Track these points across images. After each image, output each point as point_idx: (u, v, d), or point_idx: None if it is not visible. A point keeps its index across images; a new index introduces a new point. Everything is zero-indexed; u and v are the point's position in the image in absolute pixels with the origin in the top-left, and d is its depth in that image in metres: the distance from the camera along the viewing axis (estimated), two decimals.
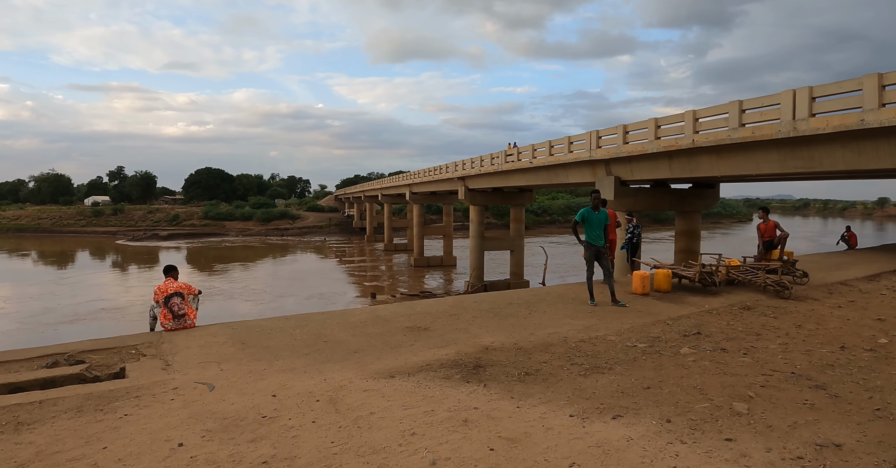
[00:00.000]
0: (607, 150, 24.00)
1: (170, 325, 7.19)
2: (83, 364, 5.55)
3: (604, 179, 25.13)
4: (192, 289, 7.63)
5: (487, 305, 8.17)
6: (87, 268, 60.21)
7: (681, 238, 27.29)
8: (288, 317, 7.70)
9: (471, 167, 40.67)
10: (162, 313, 7.23)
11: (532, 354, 6.09)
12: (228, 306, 36.90)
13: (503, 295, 9.15)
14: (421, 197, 61.40)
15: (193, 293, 7.61)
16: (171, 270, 7.78)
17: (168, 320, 7.20)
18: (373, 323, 7.12)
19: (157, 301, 7.26)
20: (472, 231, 43.26)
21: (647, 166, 22.79)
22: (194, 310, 7.51)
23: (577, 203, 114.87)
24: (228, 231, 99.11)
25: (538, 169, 31.15)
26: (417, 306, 8.08)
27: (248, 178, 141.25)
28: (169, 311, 7.20)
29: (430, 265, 58.14)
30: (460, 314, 7.58)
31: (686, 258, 27.46)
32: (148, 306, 7.60)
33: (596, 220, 9.44)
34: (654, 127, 21.20)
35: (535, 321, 7.41)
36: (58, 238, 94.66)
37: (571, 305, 8.71)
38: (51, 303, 38.03)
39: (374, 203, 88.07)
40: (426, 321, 7.15)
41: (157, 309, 7.25)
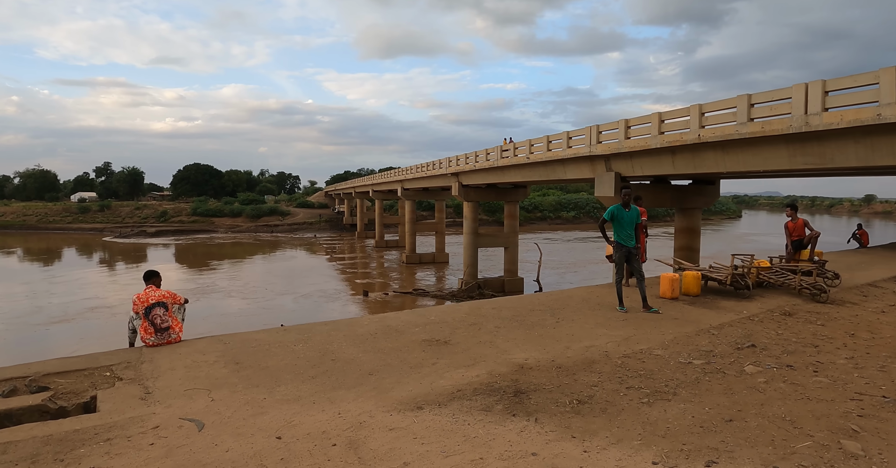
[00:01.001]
0: (608, 145, 23.22)
1: (151, 340, 6.23)
2: (47, 391, 4.59)
3: (604, 175, 24.40)
4: (178, 297, 6.68)
5: (509, 313, 7.29)
6: (74, 266, 58.73)
7: (680, 235, 26.64)
8: (287, 328, 6.71)
9: (465, 163, 39.77)
10: (142, 326, 6.26)
11: (576, 375, 5.23)
12: (219, 305, 35.86)
13: (523, 300, 8.28)
14: (413, 193, 60.42)
15: (179, 302, 6.64)
16: (153, 276, 6.78)
17: (149, 334, 6.24)
18: (384, 335, 6.18)
19: (137, 312, 6.31)
20: (466, 227, 42.40)
21: (650, 162, 22.06)
22: (180, 322, 6.54)
23: (569, 199, 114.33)
24: (217, 227, 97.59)
25: (535, 165, 30.35)
26: (431, 314, 7.15)
27: (237, 174, 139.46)
28: (150, 324, 6.23)
29: (423, 262, 57.25)
30: (481, 323, 6.69)
31: (686, 256, 26.81)
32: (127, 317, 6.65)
33: (627, 218, 8.59)
34: (658, 121, 20.43)
35: (566, 331, 6.55)
36: (43, 235, 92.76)
37: (600, 312, 7.85)
38: (38, 302, 36.81)
39: (364, 199, 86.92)
40: (444, 332, 6.24)
41: (137, 321, 6.29)
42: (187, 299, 6.87)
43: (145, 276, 6.75)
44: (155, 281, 6.69)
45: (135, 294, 6.50)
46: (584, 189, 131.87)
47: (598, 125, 23.92)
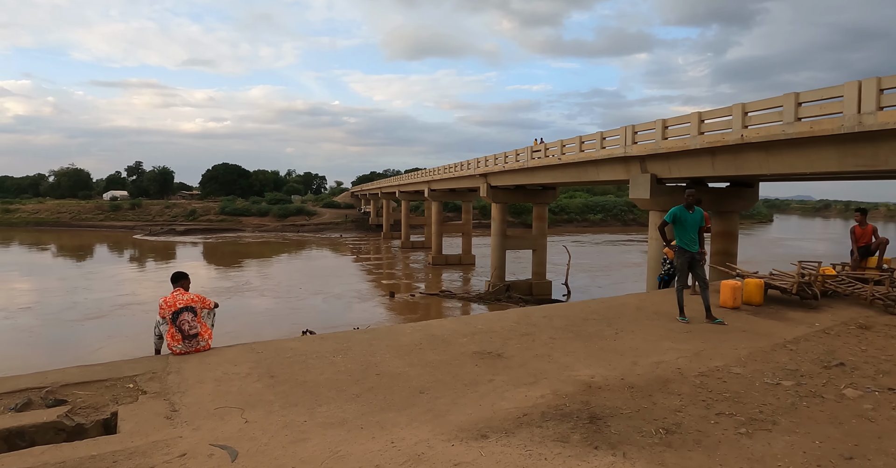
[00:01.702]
0: (644, 146, 22.45)
1: (179, 348, 5.71)
2: (64, 405, 4.12)
3: (638, 177, 23.61)
4: (207, 301, 6.13)
5: (561, 322, 6.68)
6: (106, 263, 59.63)
7: (717, 240, 25.67)
8: (324, 337, 6.15)
9: (494, 164, 39.16)
10: (169, 332, 5.75)
11: (653, 396, 4.61)
12: (246, 303, 35.80)
13: (573, 308, 7.65)
14: (440, 194, 59.98)
15: (209, 307, 6.11)
16: (181, 279, 6.26)
17: (177, 341, 5.72)
18: (430, 346, 5.62)
19: (163, 317, 5.81)
20: (494, 229, 41.76)
21: (688, 163, 21.24)
22: (209, 328, 6.01)
23: (596, 202, 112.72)
24: (245, 227, 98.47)
25: (566, 166, 29.63)
26: (478, 323, 6.57)
27: (264, 173, 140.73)
28: (178, 330, 5.72)
29: (449, 263, 56.74)
30: (534, 334, 6.10)
31: (722, 261, 25.79)
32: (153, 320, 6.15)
33: (691, 221, 7.86)
34: (698, 121, 19.62)
35: (628, 344, 5.92)
36: (76, 232, 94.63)
37: (659, 322, 7.18)
38: (72, 298, 37.29)
39: (391, 200, 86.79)
40: (496, 344, 5.67)
41: (164, 326, 5.79)
42: (217, 303, 6.32)
43: (173, 278, 6.24)
44: (183, 283, 6.18)
45: (161, 297, 5.97)
46: (611, 191, 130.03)
47: (633, 125, 23.16)
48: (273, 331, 28.23)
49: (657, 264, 23.58)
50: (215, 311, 6.30)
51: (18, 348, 25.56)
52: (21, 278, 47.55)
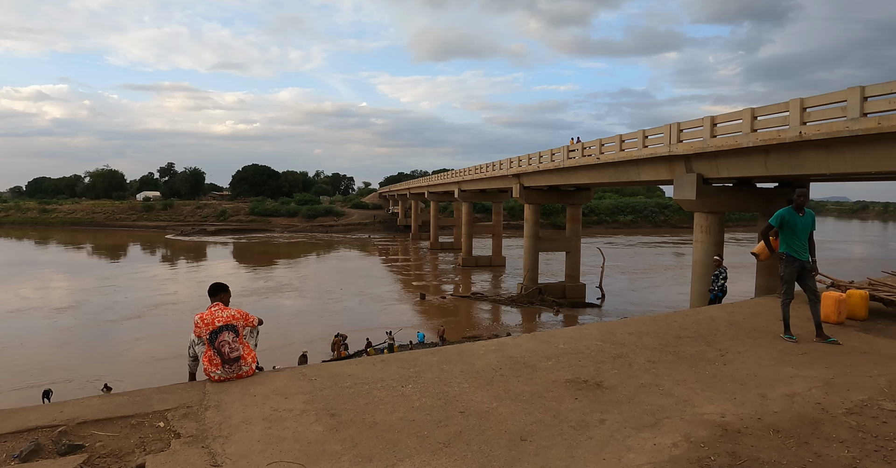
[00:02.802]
0: (691, 144, 21.29)
1: (217, 374, 4.82)
2: (80, 452, 3.23)
3: (683, 177, 22.43)
4: (251, 318, 5.20)
5: (652, 340, 5.71)
6: (140, 263, 60.24)
7: None
8: (386, 359, 5.23)
9: (527, 164, 38.15)
10: (206, 355, 4.86)
11: (810, 444, 3.63)
12: (277, 304, 35.48)
13: (657, 322, 6.66)
14: (470, 195, 59.15)
15: (252, 325, 5.20)
16: (220, 291, 5.24)
17: (215, 366, 4.81)
18: (512, 371, 4.66)
19: (199, 336, 4.91)
20: (527, 231, 40.76)
21: (738, 162, 20.03)
22: (252, 350, 5.09)
23: (626, 203, 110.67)
24: (274, 227, 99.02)
25: (605, 165, 28.52)
26: (558, 342, 5.60)
27: (293, 174, 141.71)
28: (216, 353, 4.82)
29: (479, 265, 55.88)
30: (626, 355, 5.15)
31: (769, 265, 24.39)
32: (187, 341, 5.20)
33: (801, 225, 6.77)
34: (750, 118, 18.42)
35: (742, 369, 4.93)
36: (111, 232, 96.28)
37: (763, 340, 6.14)
38: (111, 298, 37.53)
39: (419, 200, 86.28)
40: (588, 369, 4.71)
41: (200, 347, 4.90)
42: (262, 320, 5.38)
43: (211, 291, 5.25)
44: (223, 297, 5.20)
45: (196, 313, 5.05)
46: (641, 192, 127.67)
47: (678, 123, 22.03)
48: (303, 334, 27.72)
49: (703, 269, 22.32)
50: (259, 329, 5.37)
51: (56, 349, 25.41)
52: (60, 278, 48.13)
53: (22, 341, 26.68)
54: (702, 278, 21.68)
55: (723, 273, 12.62)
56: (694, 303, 21.89)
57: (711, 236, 21.71)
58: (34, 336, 27.80)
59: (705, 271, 21.54)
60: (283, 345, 25.67)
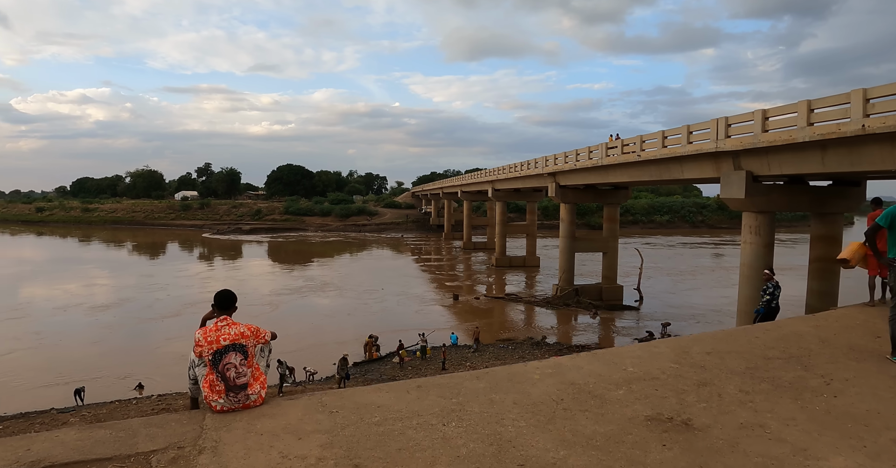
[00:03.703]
0: (740, 139, 20.29)
1: (220, 403, 3.96)
2: None
3: (731, 174, 21.43)
4: (262, 333, 4.32)
5: (736, 361, 4.94)
6: (179, 261, 61.40)
7: (818, 245, 23.12)
8: (424, 385, 4.51)
9: (564, 162, 37.33)
10: (207, 379, 4.01)
11: None
12: (310, 303, 35.55)
13: (736, 339, 5.85)
14: (504, 194, 58.49)
15: (264, 341, 4.37)
16: (226, 301, 4.32)
17: (217, 393, 3.96)
18: (576, 403, 3.91)
19: (201, 356, 4.07)
20: (563, 231, 39.93)
21: (791, 158, 18.98)
22: (263, 374, 4.27)
23: (662, 203, 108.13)
24: (308, 226, 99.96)
25: (645, 163, 27.62)
26: (625, 363, 4.87)
27: (326, 174, 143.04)
28: (220, 378, 3.98)
29: (512, 265, 55.18)
30: (712, 382, 4.36)
31: (822, 268, 23.26)
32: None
33: None
34: (807, 110, 17.36)
35: (857, 404, 4.02)
36: (150, 230, 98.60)
37: (870, 364, 5.08)
38: (150, 295, 38.28)
39: (452, 200, 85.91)
40: (669, 400, 3.95)
41: (201, 369, 4.10)
42: (275, 334, 4.56)
43: (220, 301, 4.29)
44: (230, 310, 4.33)
45: (198, 329, 4.18)
46: (678, 192, 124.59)
47: (726, 117, 21.06)
48: (335, 334, 27.59)
49: (751, 272, 21.28)
50: (271, 346, 4.54)
51: (91, 346, 25.85)
52: (104, 275, 49.32)
53: (61, 338, 27.25)
54: (750, 281, 20.69)
55: (770, 288, 11.58)
56: (741, 309, 20.94)
57: (761, 237, 20.66)
58: (74, 333, 28.39)
59: (754, 274, 20.54)
60: (315, 346, 25.59)
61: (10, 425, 16.52)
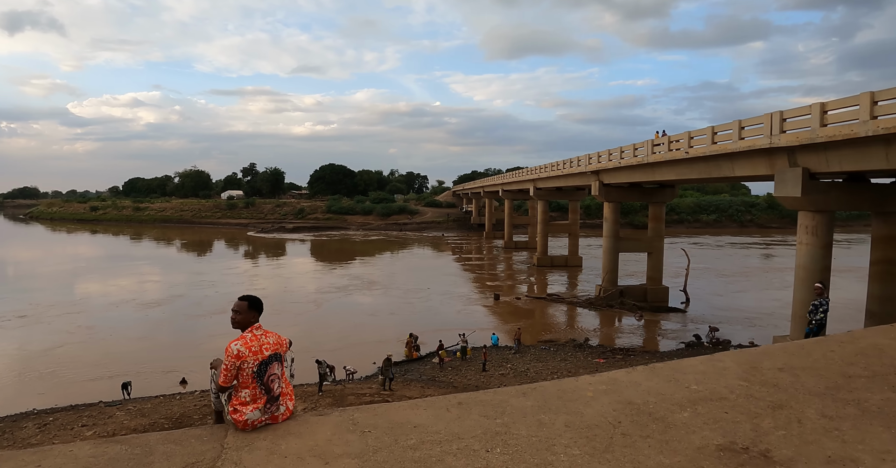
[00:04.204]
0: (796, 134, 19.23)
1: (255, 416, 3.62)
2: None
3: (786, 172, 20.35)
4: (284, 341, 4.04)
5: (814, 380, 4.35)
6: (226, 258, 62.93)
7: (880, 246, 21.82)
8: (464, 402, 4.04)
9: (608, 160, 36.45)
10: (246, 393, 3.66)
11: None
12: (354, 301, 35.71)
13: (808, 352, 5.24)
14: (546, 193, 57.68)
15: (286, 349, 4.06)
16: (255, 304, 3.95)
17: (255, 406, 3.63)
18: (636, 427, 3.41)
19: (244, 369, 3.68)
20: (606, 230, 39.02)
21: (852, 154, 17.88)
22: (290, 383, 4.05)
23: (708, 201, 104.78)
24: (349, 225, 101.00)
25: (694, 160, 26.63)
26: (688, 380, 4.32)
27: (368, 173, 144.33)
28: (263, 390, 3.68)
29: (554, 265, 54.37)
30: (790, 405, 3.80)
31: (886, 271, 21.97)
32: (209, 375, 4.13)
33: None
34: (870, 103, 16.28)
35: None
36: (197, 229, 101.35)
37: None
38: (200, 292, 39.26)
39: (493, 199, 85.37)
40: (742, 426, 3.43)
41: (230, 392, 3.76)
42: (291, 340, 4.27)
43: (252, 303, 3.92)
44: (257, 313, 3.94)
45: (234, 340, 3.75)
46: (725, 190, 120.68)
47: (780, 111, 20.04)
48: (377, 333, 27.54)
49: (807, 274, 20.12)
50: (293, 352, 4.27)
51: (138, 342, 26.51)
52: (155, 272, 50.90)
53: (111, 333, 28.05)
54: (805, 285, 19.69)
55: (823, 305, 10.77)
56: (796, 313, 19.93)
57: (818, 238, 19.58)
58: (124, 327, 29.26)
59: (810, 277, 19.53)
60: (356, 345, 25.61)
61: (60, 417, 17.01)
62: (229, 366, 3.68)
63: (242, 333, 3.82)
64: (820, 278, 19.66)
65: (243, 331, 3.85)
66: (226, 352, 3.66)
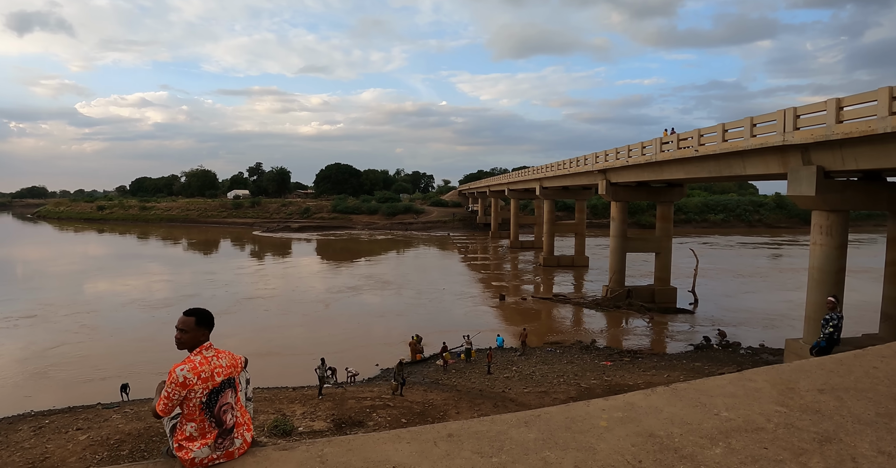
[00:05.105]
0: (811, 131, 18.64)
1: (204, 453, 3.09)
2: None
3: (800, 170, 19.75)
4: (238, 360, 3.46)
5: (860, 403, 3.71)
6: (232, 257, 62.79)
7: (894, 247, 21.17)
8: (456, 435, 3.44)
9: (615, 158, 35.85)
10: (193, 427, 3.12)
11: None
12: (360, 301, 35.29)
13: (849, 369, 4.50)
14: (552, 192, 57.07)
15: (240, 369, 3.49)
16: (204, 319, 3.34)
17: (205, 441, 3.12)
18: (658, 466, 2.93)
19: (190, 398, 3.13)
20: (613, 230, 38.42)
21: (869, 152, 17.27)
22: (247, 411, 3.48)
23: (716, 201, 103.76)
24: (355, 224, 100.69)
25: (704, 159, 26.05)
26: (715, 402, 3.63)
27: (374, 173, 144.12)
28: (212, 422, 3.14)
29: (561, 265, 53.78)
30: (838, 436, 3.11)
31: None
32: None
33: None
34: (888, 98, 15.68)
35: None
36: (203, 228, 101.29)
37: None
38: (202, 291, 38.96)
39: (499, 198, 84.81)
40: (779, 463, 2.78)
41: (175, 421, 3.23)
42: (247, 358, 3.70)
43: (198, 320, 3.30)
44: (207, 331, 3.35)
45: (179, 364, 3.17)
46: (733, 189, 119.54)
47: (794, 107, 19.45)
48: (382, 335, 27.10)
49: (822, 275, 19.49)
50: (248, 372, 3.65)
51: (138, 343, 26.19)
52: (163, 271, 50.69)
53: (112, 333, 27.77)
54: (820, 286, 19.12)
55: (835, 319, 10.15)
56: (809, 316, 19.36)
57: (833, 238, 18.99)
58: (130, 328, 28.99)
59: (824, 279, 18.95)
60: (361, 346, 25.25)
61: (57, 419, 16.67)
62: (172, 395, 3.13)
63: (189, 355, 3.28)
64: (835, 279, 19.11)
65: (191, 353, 3.29)
66: (168, 377, 3.13)
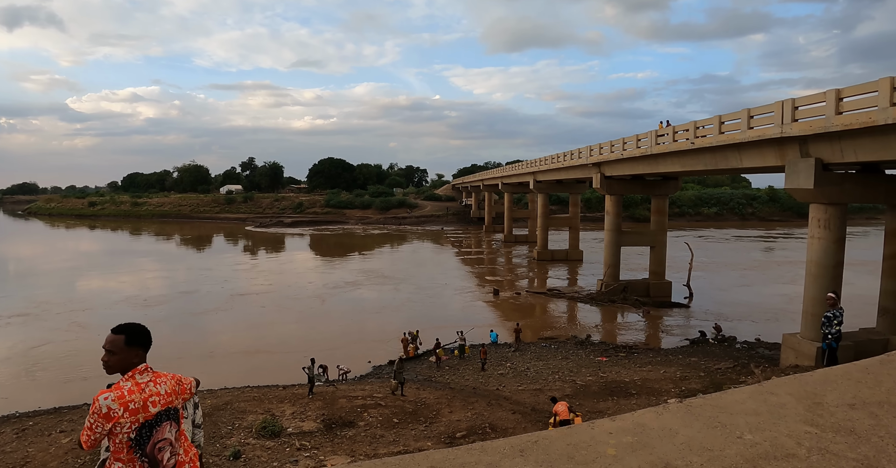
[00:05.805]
0: (809, 123, 18.35)
1: None
2: None
3: (798, 162, 19.45)
4: (186, 383, 3.11)
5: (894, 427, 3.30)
6: (222, 253, 62.22)
7: (894, 240, 20.92)
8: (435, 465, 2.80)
9: (609, 151, 35.54)
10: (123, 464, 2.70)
11: None
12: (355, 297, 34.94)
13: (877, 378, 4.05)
14: (546, 185, 56.71)
15: (189, 394, 3.13)
16: (137, 338, 2.97)
17: None
18: None
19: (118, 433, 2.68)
20: (608, 224, 38.14)
21: (869, 144, 16.99)
22: (193, 445, 3.13)
23: (710, 194, 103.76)
24: (348, 219, 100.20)
25: (700, 151, 25.78)
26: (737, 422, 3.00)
27: (367, 167, 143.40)
28: (145, 462, 2.71)
29: (555, 259, 53.51)
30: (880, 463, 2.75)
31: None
32: None
33: None
34: (890, 89, 15.38)
35: None
36: (196, 224, 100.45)
37: None
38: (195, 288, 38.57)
39: (493, 192, 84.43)
40: None
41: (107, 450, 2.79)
42: (198, 380, 3.37)
43: (128, 339, 2.94)
44: (141, 351, 2.95)
45: (104, 391, 2.78)
46: (725, 183, 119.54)
47: (792, 99, 19.15)
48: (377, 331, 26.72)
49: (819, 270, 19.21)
50: (197, 398, 3.13)
51: None
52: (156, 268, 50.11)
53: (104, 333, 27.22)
54: (818, 280, 18.86)
55: (838, 317, 9.85)
56: (807, 310, 19.10)
57: (831, 232, 18.72)
58: None
59: (822, 273, 18.67)
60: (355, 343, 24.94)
61: (41, 421, 16.25)
62: (94, 427, 2.67)
63: (119, 381, 2.81)
64: (833, 273, 18.83)
65: (122, 378, 2.82)
66: (91, 407, 2.69)
